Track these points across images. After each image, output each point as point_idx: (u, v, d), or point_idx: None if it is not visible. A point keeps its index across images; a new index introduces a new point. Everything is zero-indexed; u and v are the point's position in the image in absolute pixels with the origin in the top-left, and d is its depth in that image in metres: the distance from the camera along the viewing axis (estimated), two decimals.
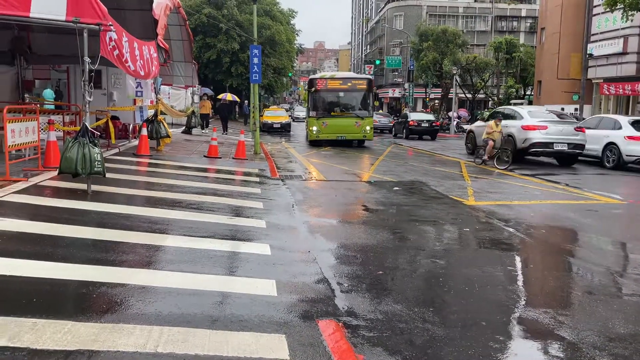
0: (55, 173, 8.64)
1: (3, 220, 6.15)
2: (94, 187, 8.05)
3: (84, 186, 8.01)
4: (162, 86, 19.48)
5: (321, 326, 3.99)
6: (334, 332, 3.93)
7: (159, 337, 3.55)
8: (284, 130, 32.52)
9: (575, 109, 30.00)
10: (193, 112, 23.24)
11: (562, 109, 32.77)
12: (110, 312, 3.91)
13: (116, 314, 3.89)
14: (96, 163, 7.73)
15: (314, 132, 21.65)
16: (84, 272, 4.68)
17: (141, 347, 3.39)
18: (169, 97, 24.69)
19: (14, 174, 8.55)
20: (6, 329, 3.46)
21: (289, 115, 38.31)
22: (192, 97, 27.57)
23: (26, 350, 3.22)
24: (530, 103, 42.21)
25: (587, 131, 16.56)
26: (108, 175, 8.36)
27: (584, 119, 21.74)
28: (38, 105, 12.42)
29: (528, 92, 49.05)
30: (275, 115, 34.22)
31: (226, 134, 25.77)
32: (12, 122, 8.62)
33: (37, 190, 8.00)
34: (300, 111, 52.75)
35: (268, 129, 31.72)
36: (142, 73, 10.11)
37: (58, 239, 5.68)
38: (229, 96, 31.53)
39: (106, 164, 8.19)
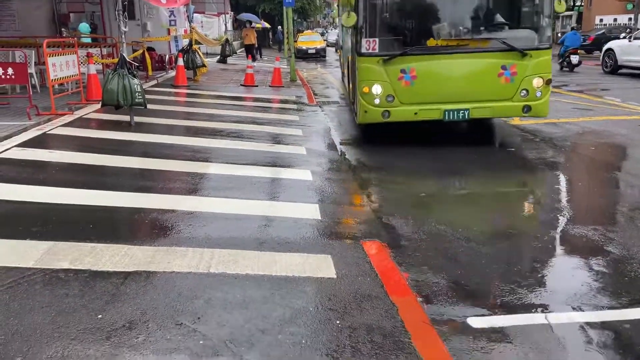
0: (99, 106, 8.80)
1: (53, 153, 6.38)
2: (136, 119, 8.18)
3: (126, 118, 8.16)
4: (194, 14, 19.14)
5: (366, 247, 4.06)
6: (379, 252, 3.99)
7: (210, 258, 3.70)
8: (318, 55, 31.74)
9: (629, 19, 27.93)
10: (227, 40, 22.88)
11: (615, 20, 30.37)
12: (163, 236, 4.08)
13: (168, 237, 4.06)
14: (137, 94, 7.80)
15: (375, 103, 7.03)
16: (135, 200, 4.85)
17: (194, 267, 3.55)
18: (202, 26, 24.31)
19: (60, 108, 8.77)
20: (67, 253, 3.67)
21: (324, 40, 37.18)
22: (225, 25, 27.09)
23: (88, 272, 3.43)
24: (580, 15, 39.49)
25: None
26: (149, 106, 8.45)
27: (638, 29, 20.25)
28: (75, 39, 12.47)
29: (578, 3, 45.82)
30: (310, 40, 33.28)
31: (260, 60, 25.37)
32: (52, 56, 8.72)
33: (82, 122, 8.21)
34: (336, 35, 34.18)
35: (303, 55, 31.02)
36: None
37: (107, 169, 5.87)
38: (258, 25, 30.75)
39: (146, 96, 8.27)
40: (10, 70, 8.18)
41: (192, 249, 3.87)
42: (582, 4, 41.27)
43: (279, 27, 38.58)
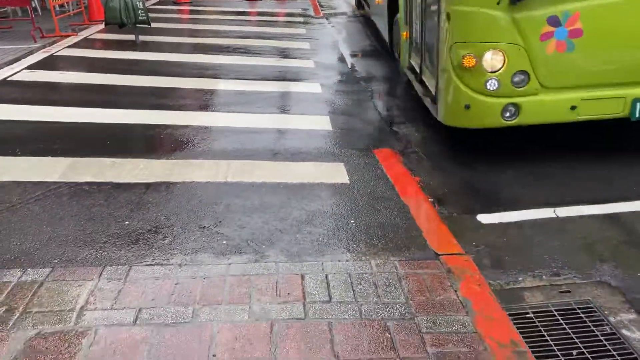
0: (102, 26, 8.64)
1: (64, 74, 6.38)
2: (141, 37, 8.05)
3: (131, 37, 8.03)
4: None
5: (377, 154, 4.14)
6: (390, 159, 4.07)
7: (227, 169, 3.81)
8: None
9: None
10: None
11: None
12: (179, 150, 4.18)
13: (184, 151, 4.16)
14: (140, 12, 7.63)
15: (489, 89, 3.63)
16: (148, 117, 4.92)
17: (212, 177, 3.67)
18: None
19: (63, 30, 8.62)
20: (89, 168, 3.80)
21: None
22: None
23: (110, 184, 3.57)
24: None
25: None
26: (152, 24, 8.28)
27: None
28: None
29: None
30: None
31: None
32: None
33: (87, 43, 8.11)
34: None
35: None
36: None
37: (118, 88, 5.89)
38: None
39: (149, 14, 8.08)
40: None
41: (209, 161, 3.97)
42: None
43: None
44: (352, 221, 3.11)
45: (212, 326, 2.21)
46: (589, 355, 2.29)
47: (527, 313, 2.55)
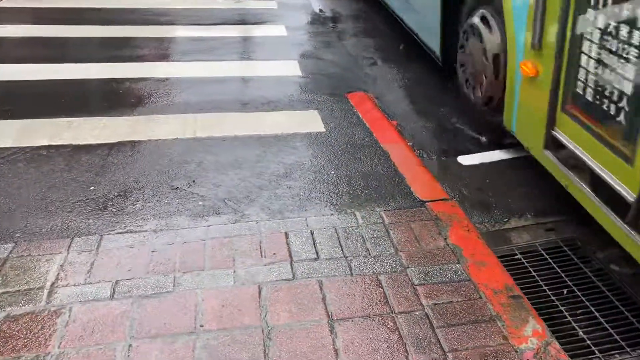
0: None
1: (6, 27, 5.85)
2: None
3: None
4: None
5: (351, 99, 3.98)
6: (365, 103, 3.92)
7: (194, 123, 3.59)
8: None
9: None
10: None
11: None
12: (141, 106, 3.91)
13: (146, 106, 3.90)
14: None
15: None
16: (104, 70, 4.57)
17: (180, 134, 3.45)
18: None
19: None
20: (44, 130, 3.51)
21: None
22: None
23: (69, 146, 3.31)
24: None
25: None
26: None
27: None
28: None
29: None
30: None
31: None
32: None
33: None
34: None
35: None
36: None
37: (68, 40, 5.44)
38: None
39: None
40: None
41: (174, 115, 3.73)
42: None
43: None
44: (333, 172, 2.98)
45: (196, 294, 2.09)
46: (579, 293, 2.28)
47: (515, 254, 2.53)
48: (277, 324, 1.95)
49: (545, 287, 2.31)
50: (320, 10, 6.59)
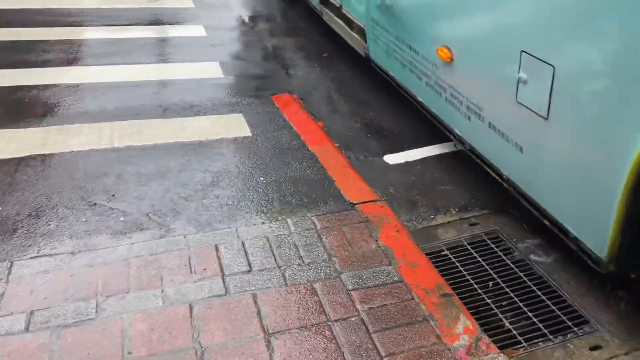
0: None
1: None
2: None
3: None
4: None
5: (277, 101, 3.93)
6: (290, 105, 3.89)
7: (111, 132, 3.39)
8: None
9: None
10: None
11: None
12: (50, 115, 3.64)
13: (57, 116, 3.63)
14: None
15: None
16: (9, 77, 4.21)
17: (95, 144, 3.25)
18: None
19: None
20: None
21: None
22: None
23: None
24: None
25: None
26: None
27: None
28: None
29: None
30: None
31: None
32: None
33: None
34: None
35: None
36: None
37: None
38: None
39: None
40: None
41: (88, 124, 3.51)
42: None
43: None
44: (262, 178, 2.92)
45: (122, 319, 1.97)
46: (503, 285, 2.39)
47: (443, 250, 2.60)
48: (211, 343, 1.88)
49: (472, 282, 2.40)
50: (241, 8, 6.47)
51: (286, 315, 2.00)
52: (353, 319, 1.99)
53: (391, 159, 3.34)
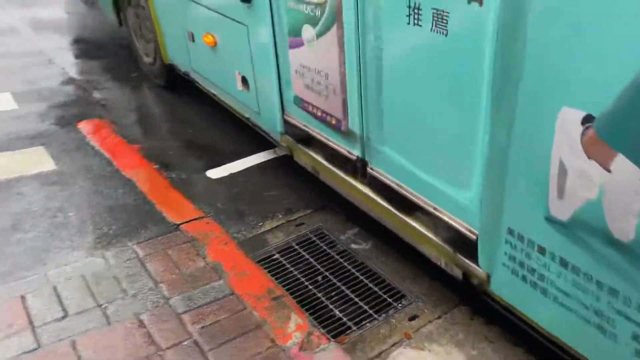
0: None
1: None
2: None
3: None
4: None
5: (84, 128, 3.66)
6: (100, 130, 3.65)
7: None
8: None
9: None
10: None
11: None
12: None
13: None
14: None
15: None
16: None
17: None
18: None
19: None
20: None
21: None
22: None
23: None
24: None
25: None
26: None
27: None
28: None
29: None
30: None
31: None
32: None
33: None
34: None
35: None
36: None
37: None
38: None
39: None
40: None
41: None
42: None
43: None
44: (72, 213, 2.69)
45: None
46: (331, 277, 2.53)
47: (274, 255, 2.67)
48: None
49: (303, 280, 2.50)
50: (26, 27, 5.87)
51: (112, 355, 1.87)
52: (186, 343, 1.94)
53: (214, 173, 3.33)
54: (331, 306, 2.34)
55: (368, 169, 2.35)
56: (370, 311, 2.31)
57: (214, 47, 3.24)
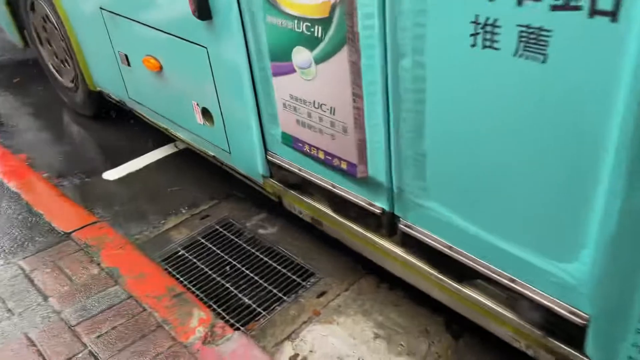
0: None
1: None
2: None
3: None
4: None
5: None
6: None
7: None
8: None
9: None
10: None
11: None
12: None
13: None
14: None
15: None
16: None
17: None
18: None
19: None
20: None
21: None
22: None
23: None
24: None
25: None
26: None
27: None
28: None
29: None
30: None
31: None
32: None
33: None
34: None
35: None
36: None
37: None
38: None
39: None
40: None
41: None
42: None
43: None
44: None
45: None
46: (239, 265, 2.48)
47: (179, 251, 2.58)
48: None
49: (210, 272, 2.43)
50: None
51: None
52: (81, 355, 1.83)
53: (111, 174, 3.17)
54: (240, 295, 2.30)
55: (399, 225, 1.83)
56: (280, 294, 2.29)
57: (159, 71, 2.60)
